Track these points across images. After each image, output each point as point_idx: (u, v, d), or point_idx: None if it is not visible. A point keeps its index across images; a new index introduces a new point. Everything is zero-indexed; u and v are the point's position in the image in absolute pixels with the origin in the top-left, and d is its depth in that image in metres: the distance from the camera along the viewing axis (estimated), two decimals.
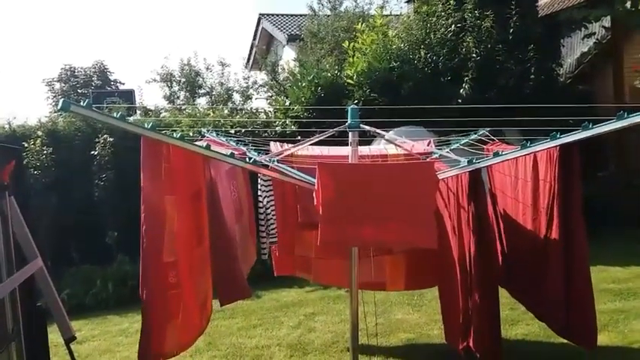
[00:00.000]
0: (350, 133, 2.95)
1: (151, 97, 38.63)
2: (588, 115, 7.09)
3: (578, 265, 2.61)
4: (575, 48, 7.89)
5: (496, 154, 2.54)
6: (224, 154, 2.49)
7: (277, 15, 14.69)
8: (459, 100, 6.16)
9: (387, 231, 2.50)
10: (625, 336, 3.53)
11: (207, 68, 13.49)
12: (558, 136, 2.29)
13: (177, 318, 2.28)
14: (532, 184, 2.85)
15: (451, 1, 6.79)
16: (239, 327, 4.29)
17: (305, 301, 4.91)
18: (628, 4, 6.43)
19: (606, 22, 7.19)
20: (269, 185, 3.31)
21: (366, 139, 3.89)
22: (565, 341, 2.75)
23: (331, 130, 3.06)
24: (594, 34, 7.40)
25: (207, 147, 2.36)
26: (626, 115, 2.13)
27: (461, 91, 6.25)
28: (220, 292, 2.74)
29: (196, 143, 2.47)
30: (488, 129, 3.73)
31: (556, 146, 2.42)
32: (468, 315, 2.76)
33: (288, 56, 12.20)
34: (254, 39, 15.17)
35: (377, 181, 2.51)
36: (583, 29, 7.38)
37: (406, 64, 6.61)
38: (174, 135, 2.24)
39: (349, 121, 2.92)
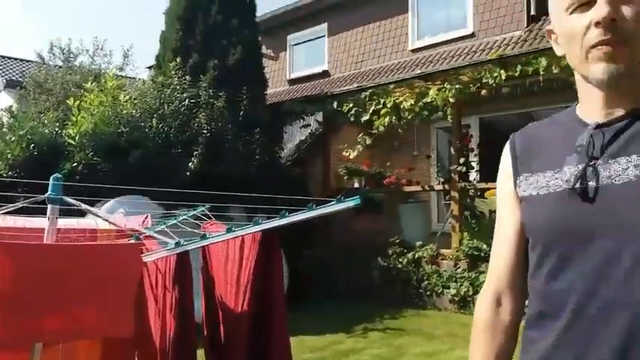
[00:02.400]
0: (49, 207, 2.62)
1: None
2: (303, 195, 7.96)
3: (279, 341, 2.80)
4: (295, 135, 9.00)
5: (203, 237, 2.58)
6: None
7: None
8: (187, 173, 6.26)
9: (78, 320, 2.24)
10: None
11: None
12: (260, 222, 2.47)
13: None
14: (238, 263, 2.99)
15: (187, 77, 7.03)
16: None
17: None
18: (335, 105, 7.67)
19: (320, 116, 8.43)
20: None
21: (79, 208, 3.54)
22: None
23: (22, 202, 2.68)
24: (310, 125, 8.59)
25: None
26: (314, 207, 2.46)
27: (190, 164, 6.36)
28: None
29: None
30: (208, 205, 3.84)
31: (259, 230, 2.60)
32: None
33: (4, 103, 10.61)
34: None
35: (70, 264, 2.26)
36: (301, 120, 8.52)
37: (137, 131, 6.44)
38: None
39: (49, 193, 2.61)
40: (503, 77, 5.82)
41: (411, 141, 9.01)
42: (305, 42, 10.81)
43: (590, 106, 0.97)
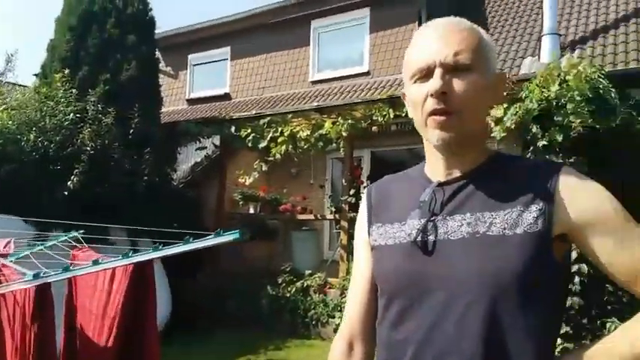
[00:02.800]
0: None
1: None
2: (194, 219, 7.76)
3: None
4: (191, 157, 8.79)
5: (66, 269, 2.42)
6: None
7: None
8: (66, 193, 5.83)
9: None
10: None
11: None
12: (130, 255, 2.36)
13: None
14: (107, 295, 2.82)
15: (74, 90, 6.61)
16: None
17: None
18: (232, 129, 7.61)
19: (217, 140, 8.32)
20: None
21: None
22: None
23: None
24: (206, 147, 8.44)
25: None
26: (191, 240, 2.40)
27: (69, 183, 5.93)
28: None
29: None
30: (82, 231, 3.60)
31: (130, 263, 2.49)
32: None
33: None
34: None
35: None
36: (198, 142, 8.34)
37: (11, 144, 5.91)
38: None
39: None
40: (392, 116, 6.17)
41: (308, 169, 9.18)
42: (207, 63, 10.68)
43: (434, 166, 1.06)
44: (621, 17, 7.09)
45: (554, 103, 4.95)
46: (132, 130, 6.82)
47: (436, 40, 0.98)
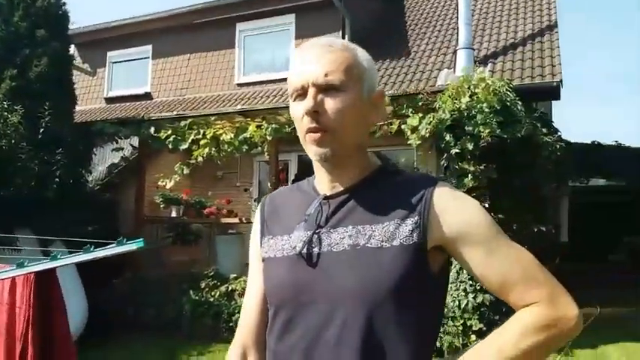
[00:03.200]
0: None
1: None
2: (111, 223, 7.42)
3: None
4: (107, 158, 8.39)
5: None
6: None
7: None
8: None
9: None
10: None
11: None
12: (26, 264, 2.23)
13: None
14: (8, 309, 2.64)
15: None
16: None
17: None
18: (152, 130, 7.36)
19: (135, 141, 8.00)
20: None
21: None
22: None
23: None
24: (123, 149, 8.09)
25: None
26: (92, 249, 2.30)
27: None
28: None
29: None
30: None
31: (30, 272, 2.35)
32: None
33: None
34: None
35: None
36: (115, 142, 7.98)
37: None
38: None
39: None
40: None
41: (235, 172, 9.07)
42: (127, 61, 10.27)
43: (321, 179, 1.10)
44: (528, 35, 7.66)
45: (466, 114, 5.24)
46: (42, 130, 6.42)
47: (309, 61, 1.02)
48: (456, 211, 1.00)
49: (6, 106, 6.19)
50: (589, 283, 8.19)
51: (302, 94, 1.02)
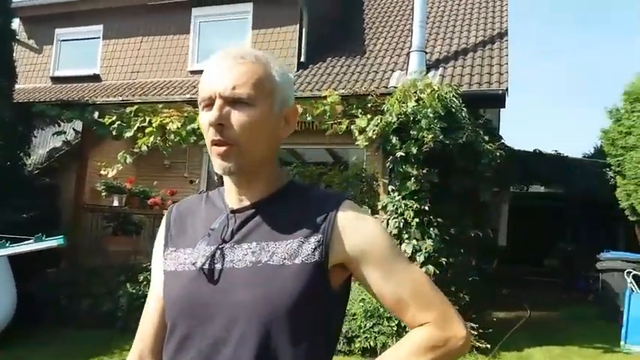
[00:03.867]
0: None
1: None
2: (50, 209, 7.11)
3: None
4: (49, 142, 8.05)
5: None
6: None
7: None
8: None
9: None
10: None
11: None
12: None
13: None
14: None
15: None
16: None
17: None
18: (96, 115, 7.10)
19: (78, 125, 7.70)
20: None
21: None
22: None
23: None
24: (65, 132, 7.77)
25: None
26: (8, 245, 2.20)
27: None
28: None
29: None
30: None
31: None
32: None
33: None
34: None
35: None
36: (57, 126, 7.65)
37: None
38: None
39: None
40: None
41: (184, 162, 8.89)
42: (76, 40, 9.84)
43: (229, 192, 1.07)
44: (480, 42, 7.81)
45: (411, 118, 5.31)
46: None
47: (219, 72, 0.99)
48: (358, 230, 1.01)
49: None
50: (523, 286, 8.54)
51: (209, 104, 0.99)
